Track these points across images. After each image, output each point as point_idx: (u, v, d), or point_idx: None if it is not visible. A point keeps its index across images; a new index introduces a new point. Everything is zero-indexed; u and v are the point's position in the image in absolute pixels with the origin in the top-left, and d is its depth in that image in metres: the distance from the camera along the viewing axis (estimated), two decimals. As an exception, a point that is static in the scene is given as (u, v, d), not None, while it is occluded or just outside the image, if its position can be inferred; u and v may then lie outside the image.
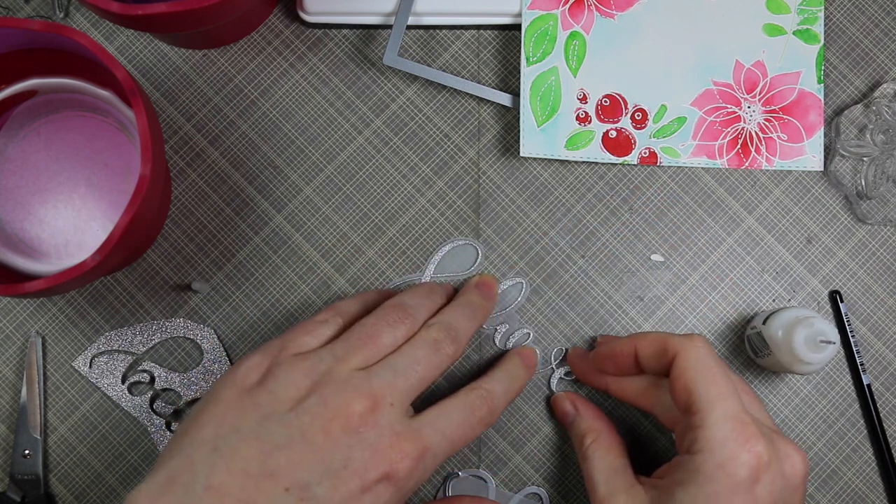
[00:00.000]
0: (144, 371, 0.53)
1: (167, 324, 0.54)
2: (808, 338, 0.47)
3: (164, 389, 0.53)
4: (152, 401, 0.53)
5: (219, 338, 0.54)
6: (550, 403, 0.53)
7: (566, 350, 0.54)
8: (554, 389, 0.54)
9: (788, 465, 0.43)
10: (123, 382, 0.53)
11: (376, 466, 0.41)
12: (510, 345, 0.54)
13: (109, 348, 0.53)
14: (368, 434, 0.41)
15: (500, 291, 0.54)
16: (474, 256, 0.54)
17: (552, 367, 0.54)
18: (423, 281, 0.54)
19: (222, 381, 0.43)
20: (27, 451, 0.52)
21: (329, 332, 0.46)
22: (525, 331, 0.54)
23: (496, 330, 0.54)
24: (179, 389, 0.53)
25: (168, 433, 0.53)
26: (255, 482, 0.39)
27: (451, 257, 0.54)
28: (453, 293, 0.53)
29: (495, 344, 0.54)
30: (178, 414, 0.53)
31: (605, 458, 0.48)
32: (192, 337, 0.54)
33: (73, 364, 0.53)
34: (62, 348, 0.54)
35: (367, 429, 0.41)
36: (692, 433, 0.43)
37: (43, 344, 0.54)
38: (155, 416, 0.53)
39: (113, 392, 0.53)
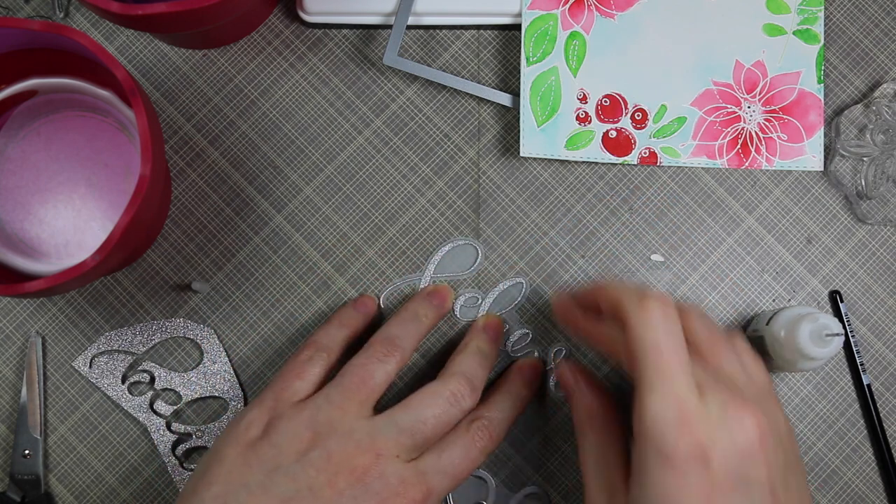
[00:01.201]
0: (144, 371, 0.53)
1: (167, 324, 0.54)
2: (814, 332, 0.47)
3: (165, 389, 0.53)
4: (152, 401, 0.53)
5: (219, 338, 0.54)
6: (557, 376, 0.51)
7: (565, 351, 0.54)
8: (553, 390, 0.54)
9: (739, 433, 0.39)
10: (123, 382, 0.53)
11: None
12: (510, 344, 0.54)
13: (109, 348, 0.53)
14: (374, 484, 0.42)
15: (500, 291, 0.54)
16: (474, 256, 0.54)
17: (552, 367, 0.54)
18: (422, 282, 0.54)
19: (224, 438, 0.44)
20: (27, 451, 0.52)
21: (317, 369, 0.47)
22: (524, 331, 0.54)
23: None
24: (179, 389, 0.53)
25: (168, 433, 0.53)
26: None
27: (451, 257, 0.54)
28: (449, 297, 0.53)
29: None
30: (178, 414, 0.53)
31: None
32: (192, 337, 0.54)
33: (73, 364, 0.53)
34: (62, 348, 0.54)
35: (372, 479, 0.42)
36: (636, 414, 0.40)
37: (43, 344, 0.54)
38: (155, 417, 0.53)
39: (113, 392, 0.53)
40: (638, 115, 0.54)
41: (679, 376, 0.40)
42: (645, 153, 0.54)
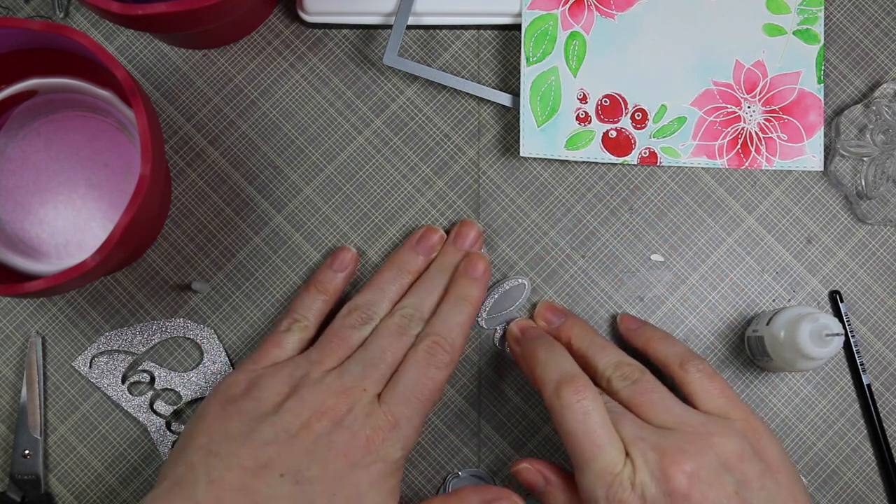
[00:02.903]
0: (145, 371, 0.53)
1: (167, 324, 0.54)
2: (814, 332, 0.47)
3: (165, 389, 0.53)
4: (152, 401, 0.53)
5: (219, 338, 0.54)
6: (512, 474, 0.49)
7: None
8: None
9: (668, 483, 0.42)
10: (123, 382, 0.53)
11: (356, 444, 0.44)
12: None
13: (109, 348, 0.53)
14: (345, 421, 0.45)
15: (502, 292, 0.54)
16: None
17: None
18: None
19: (208, 398, 0.47)
20: (27, 451, 0.52)
21: (295, 338, 0.50)
22: None
23: (496, 330, 0.54)
24: (179, 389, 0.53)
25: (168, 433, 0.53)
26: (252, 473, 0.43)
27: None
28: (438, 239, 0.53)
29: (496, 345, 0.54)
30: (178, 414, 0.53)
31: None
32: (192, 337, 0.54)
33: (73, 364, 0.53)
34: (62, 348, 0.54)
35: (342, 417, 0.45)
36: (578, 491, 0.45)
37: (43, 344, 0.54)
38: (155, 417, 0.53)
39: (113, 392, 0.53)
40: (638, 115, 0.54)
41: (601, 454, 0.43)
42: (645, 153, 0.54)
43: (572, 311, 0.54)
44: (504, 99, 0.54)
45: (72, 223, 0.50)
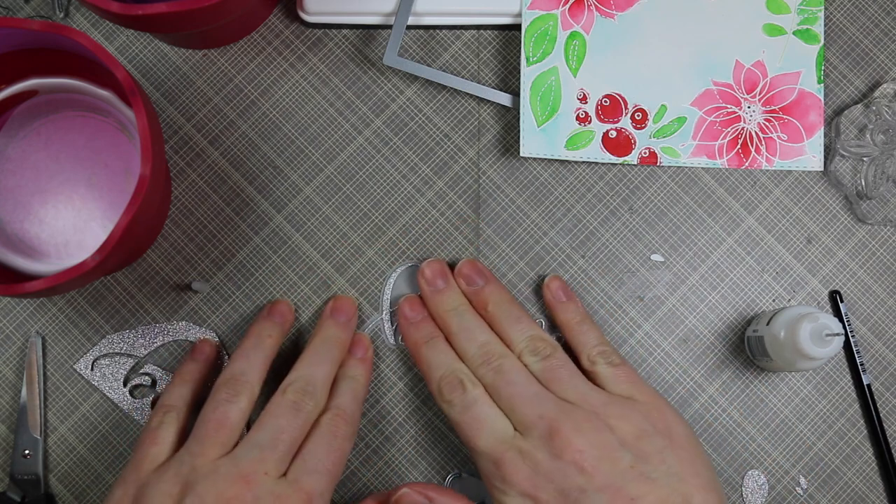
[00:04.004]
0: (146, 374, 0.53)
1: (169, 327, 0.54)
2: (814, 332, 0.47)
3: (165, 390, 0.53)
4: (153, 404, 0.53)
5: (220, 339, 0.54)
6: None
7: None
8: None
9: (561, 458, 0.44)
10: (125, 385, 0.53)
11: None
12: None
13: (112, 351, 0.53)
14: None
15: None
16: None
17: None
18: (383, 312, 0.54)
19: None
20: (27, 451, 0.52)
21: (170, 430, 0.47)
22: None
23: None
24: (180, 390, 0.53)
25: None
26: None
27: (404, 279, 0.54)
28: (289, 310, 0.53)
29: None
30: (178, 414, 0.53)
31: None
32: (194, 340, 0.54)
33: (74, 366, 0.53)
34: (62, 348, 0.54)
35: None
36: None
37: (43, 344, 0.53)
38: (155, 417, 0.53)
39: (114, 395, 0.53)
40: (638, 115, 0.54)
41: (484, 430, 0.46)
42: (645, 153, 0.54)
43: (495, 276, 0.53)
44: (504, 99, 0.54)
45: (72, 223, 0.50)
